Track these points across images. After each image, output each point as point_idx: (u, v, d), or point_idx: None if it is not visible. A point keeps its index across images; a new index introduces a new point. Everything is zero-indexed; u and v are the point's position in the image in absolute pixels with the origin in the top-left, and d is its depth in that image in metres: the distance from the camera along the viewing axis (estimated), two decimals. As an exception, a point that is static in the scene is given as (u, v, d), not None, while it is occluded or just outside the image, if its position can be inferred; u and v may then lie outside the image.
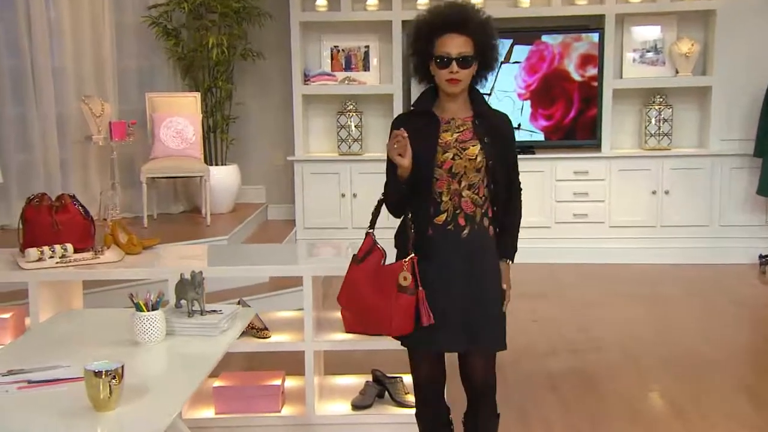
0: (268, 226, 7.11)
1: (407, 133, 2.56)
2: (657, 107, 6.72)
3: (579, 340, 4.89)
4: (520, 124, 6.69)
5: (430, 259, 2.62)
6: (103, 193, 6.15)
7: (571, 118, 6.77)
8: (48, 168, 6.01)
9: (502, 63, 6.20)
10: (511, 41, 6.65)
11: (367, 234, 2.71)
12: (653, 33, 6.79)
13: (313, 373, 3.46)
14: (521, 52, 6.70)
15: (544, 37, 6.71)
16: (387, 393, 3.61)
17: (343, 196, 6.85)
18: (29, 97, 5.92)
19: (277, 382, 3.57)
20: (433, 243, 2.63)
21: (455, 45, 2.57)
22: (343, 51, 7.04)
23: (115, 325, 2.66)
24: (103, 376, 1.94)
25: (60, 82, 6.12)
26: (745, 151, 6.53)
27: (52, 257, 3.36)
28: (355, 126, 6.90)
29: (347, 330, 3.50)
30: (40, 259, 3.33)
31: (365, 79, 6.98)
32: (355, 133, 6.90)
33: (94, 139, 6.07)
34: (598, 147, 6.76)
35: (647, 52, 6.81)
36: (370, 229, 2.71)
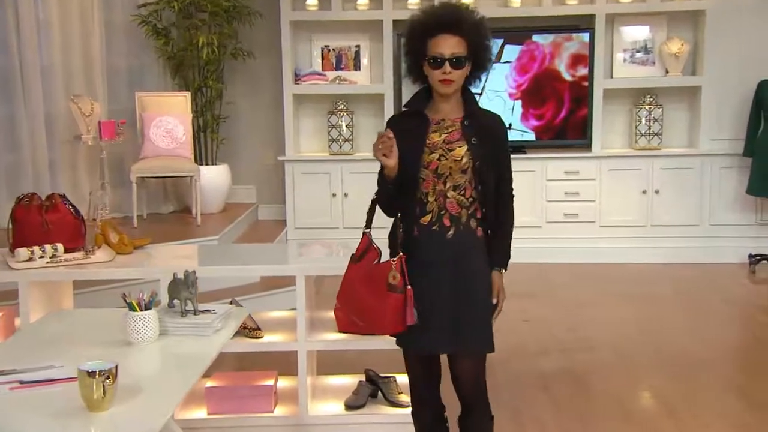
0: (258, 226, 7.09)
1: (397, 134, 2.58)
2: (647, 107, 6.74)
3: (570, 339, 4.89)
4: (511, 124, 6.69)
5: (416, 259, 2.63)
6: (93, 193, 6.11)
7: (561, 117, 6.78)
8: (36, 168, 5.96)
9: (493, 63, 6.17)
10: (502, 41, 6.65)
11: (364, 233, 2.71)
12: (643, 33, 6.81)
13: (306, 373, 3.44)
14: (512, 51, 6.71)
15: (535, 37, 6.72)
16: (380, 393, 3.60)
17: (334, 195, 6.83)
18: (17, 96, 5.87)
19: (270, 382, 3.55)
20: (419, 243, 2.64)
21: (448, 45, 2.57)
22: (333, 50, 7.02)
23: (106, 325, 2.64)
24: (96, 376, 1.92)
25: (49, 80, 6.08)
26: (734, 150, 6.56)
27: (42, 257, 3.33)
28: (346, 126, 6.88)
29: (340, 330, 3.49)
30: (30, 259, 3.30)
31: (356, 79, 6.97)
32: (346, 132, 6.89)
33: (83, 139, 6.03)
34: (588, 147, 6.77)
35: (637, 52, 6.83)
36: (367, 229, 2.71)
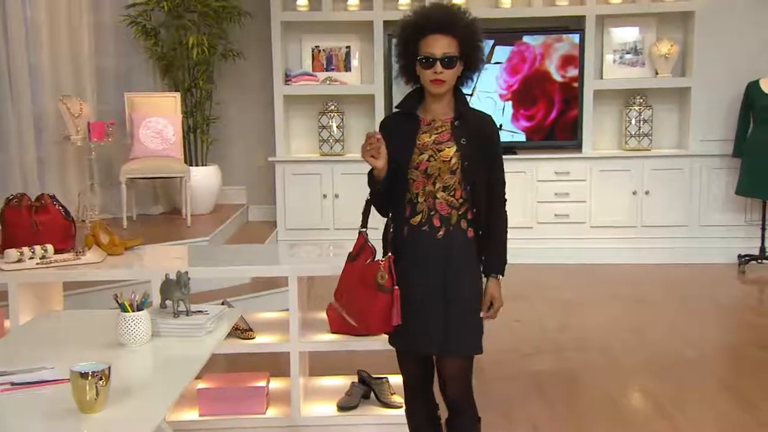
0: (248, 227, 7.06)
1: (388, 134, 2.60)
2: (637, 108, 6.76)
3: (562, 340, 4.89)
4: (501, 125, 6.70)
5: (407, 259, 2.63)
6: (82, 194, 6.08)
7: (552, 118, 6.79)
8: (24, 168, 5.92)
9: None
10: (493, 42, 6.66)
11: (360, 233, 2.72)
12: (633, 34, 6.83)
13: (298, 374, 3.42)
14: (502, 52, 6.71)
15: (526, 38, 6.73)
16: (373, 394, 3.59)
17: (324, 196, 6.81)
18: (5, 96, 5.83)
19: (262, 383, 3.53)
20: (409, 243, 2.65)
21: (439, 45, 2.57)
22: (324, 51, 7.01)
23: (98, 326, 2.62)
24: (89, 378, 1.90)
25: (37, 81, 6.04)
26: (724, 151, 6.59)
27: (32, 258, 3.30)
28: (336, 126, 6.87)
29: (333, 330, 3.53)
30: (20, 260, 3.27)
31: (346, 80, 6.96)
32: (336, 133, 6.88)
33: (72, 140, 6.01)
34: (579, 148, 6.78)
35: (627, 53, 6.85)
36: (363, 228, 2.73)
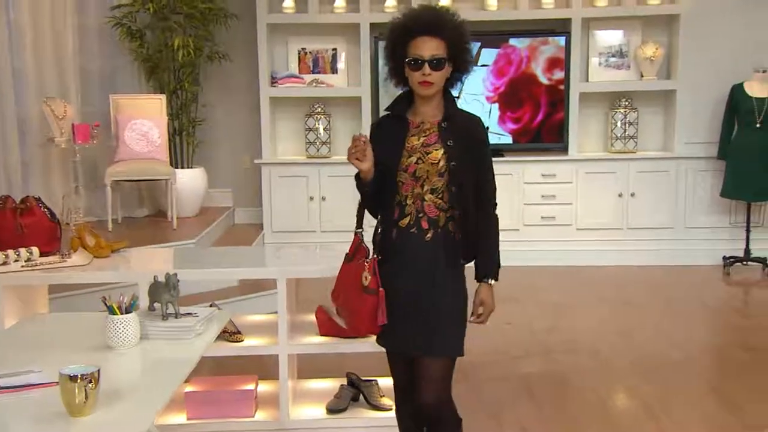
0: (235, 230, 7.03)
1: (378, 137, 2.63)
2: (623, 110, 6.79)
3: (550, 342, 4.90)
4: (488, 127, 6.70)
5: (396, 260, 2.64)
6: (66, 196, 6.03)
7: (538, 121, 6.80)
8: (8, 171, 5.86)
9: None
10: (479, 44, 6.66)
11: (355, 233, 2.74)
12: (618, 37, 6.86)
13: (287, 376, 3.40)
14: (489, 55, 6.72)
15: (512, 41, 6.75)
16: (362, 396, 3.57)
17: (311, 199, 6.79)
18: (-12, 97, 5.78)
19: (251, 386, 3.51)
20: (397, 245, 2.65)
21: (428, 48, 2.57)
22: (310, 53, 6.99)
23: (85, 329, 2.59)
24: (78, 381, 1.87)
25: (20, 83, 5.99)
26: (709, 154, 6.62)
27: (17, 261, 3.26)
28: (323, 129, 6.85)
29: (322, 333, 3.52)
30: (5, 263, 3.24)
31: (333, 82, 6.94)
32: (323, 135, 6.86)
33: (56, 142, 5.95)
34: (565, 150, 6.80)
35: (612, 56, 6.87)
36: (358, 229, 2.74)
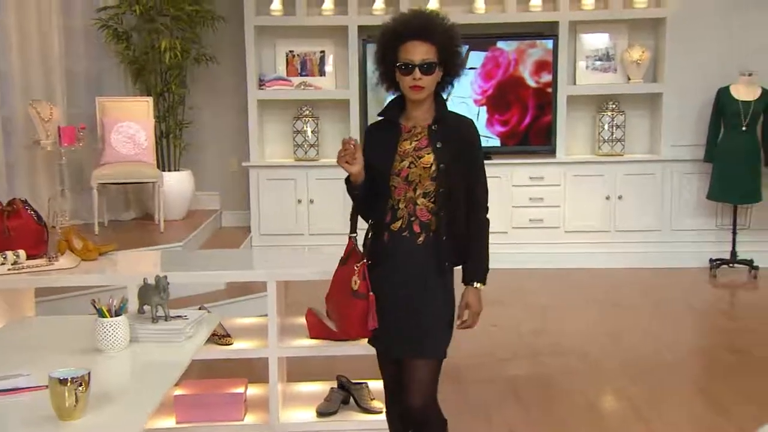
0: (222, 233, 7.00)
1: (371, 142, 2.66)
2: (610, 113, 6.82)
3: (538, 344, 4.90)
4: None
5: (387, 264, 2.64)
6: (52, 199, 5.98)
7: (526, 124, 6.82)
8: (-7, 173, 5.82)
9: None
10: (467, 47, 6.67)
11: (349, 238, 2.73)
12: (605, 40, 6.89)
13: (277, 380, 3.39)
14: (477, 58, 6.74)
15: (500, 44, 6.76)
16: (352, 399, 3.56)
17: (299, 202, 6.78)
18: (-27, 100, 5.73)
19: (240, 389, 3.49)
20: (389, 249, 2.65)
21: (418, 52, 2.58)
22: (298, 56, 6.98)
23: (73, 332, 2.57)
24: (68, 384, 1.85)
25: (6, 85, 5.93)
26: (695, 156, 6.66)
27: (3, 264, 3.22)
28: (311, 131, 6.84)
29: (312, 335, 3.50)
30: (-8, 266, 3.20)
31: (321, 84, 6.93)
32: (311, 138, 6.84)
33: (42, 144, 5.91)
34: (552, 153, 6.82)
35: (599, 59, 6.90)
36: (352, 234, 2.74)
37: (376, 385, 3.49)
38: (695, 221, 6.78)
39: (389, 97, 2.79)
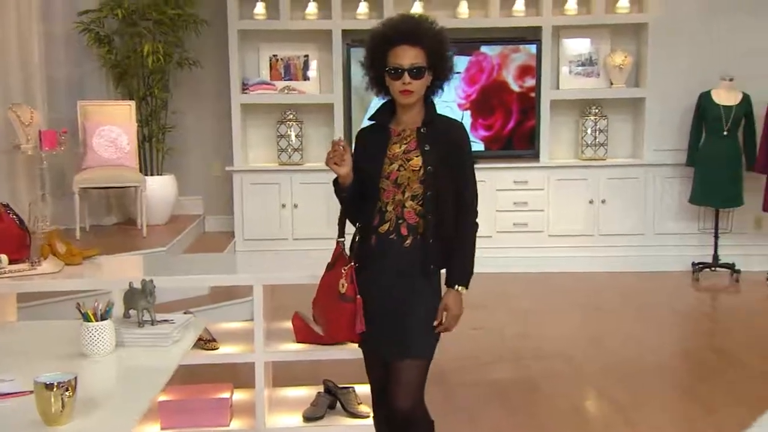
0: (205, 237, 6.96)
1: (362, 146, 2.68)
2: (593, 118, 6.85)
3: (522, 348, 4.91)
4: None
5: (375, 267, 2.64)
6: (33, 204, 5.91)
7: (510, 128, 6.84)
8: (-27, 178, 5.75)
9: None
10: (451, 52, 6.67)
11: (337, 242, 2.73)
12: (588, 45, 6.92)
13: (263, 384, 3.36)
14: (461, 62, 6.74)
15: (483, 48, 6.78)
16: (339, 404, 3.54)
17: (283, 206, 6.75)
18: (-48, 103, 5.66)
19: (226, 395, 3.46)
20: (377, 252, 2.65)
21: (407, 56, 2.58)
22: (281, 60, 6.96)
23: (58, 337, 2.54)
24: (54, 389, 1.82)
25: (-15, 88, 5.88)
26: (677, 161, 6.70)
27: (-15, 269, 3.19)
28: (295, 136, 6.82)
29: (298, 340, 3.48)
30: (-27, 271, 3.16)
31: (305, 89, 6.91)
32: (295, 142, 6.82)
33: (22, 149, 5.84)
34: (536, 157, 6.84)
35: (582, 64, 6.94)
36: (340, 238, 2.73)
37: (363, 389, 3.48)
38: (678, 225, 6.82)
39: (374, 101, 2.80)
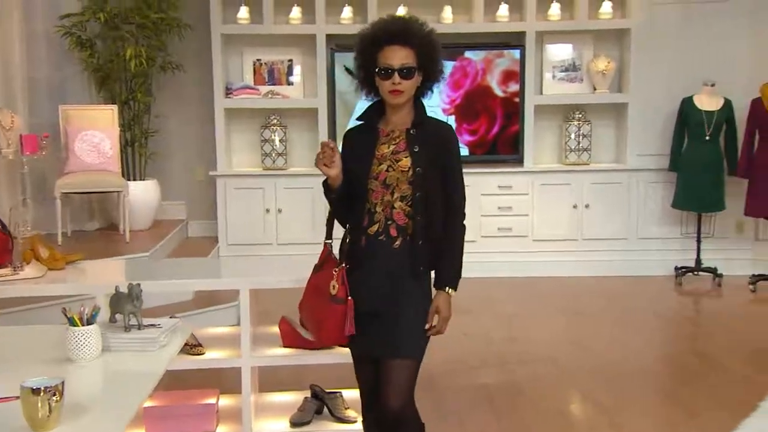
0: (189, 243, 6.91)
1: (350, 146, 2.67)
2: (576, 123, 6.88)
3: (508, 352, 4.91)
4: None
5: (364, 268, 2.63)
6: (13, 209, 5.81)
7: (494, 133, 6.85)
8: (-48, 182, 5.68)
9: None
10: (436, 56, 6.68)
11: (324, 244, 2.72)
12: (571, 51, 6.96)
13: (249, 390, 3.33)
14: (445, 67, 6.73)
15: (468, 53, 6.79)
16: (326, 409, 3.52)
17: (267, 211, 6.72)
18: (-68, 108, 5.59)
19: (212, 400, 3.43)
20: (366, 253, 2.64)
21: (397, 57, 2.58)
22: (265, 64, 6.94)
23: (42, 342, 2.49)
24: (41, 393, 1.79)
25: (-35, 92, 5.81)
26: (660, 165, 6.74)
27: (-34, 274, 3.14)
28: (279, 140, 6.79)
29: (285, 344, 3.46)
30: (-46, 276, 3.11)
31: (289, 93, 6.89)
32: (279, 147, 6.80)
33: (3, 153, 5.77)
34: (520, 162, 6.86)
35: (565, 69, 6.97)
36: (328, 240, 2.72)
37: (351, 394, 3.47)
38: (660, 230, 6.86)
39: (359, 104, 2.79)
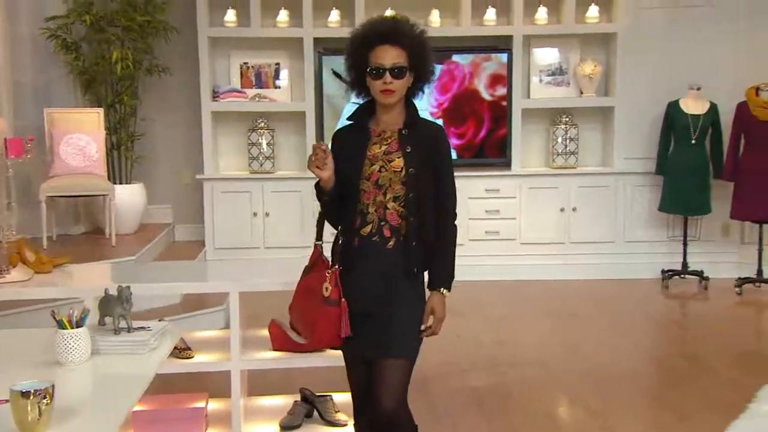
0: (175, 246, 6.87)
1: (340, 147, 2.65)
2: (563, 127, 6.90)
3: (498, 355, 4.91)
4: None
5: (357, 269, 2.62)
6: (-2, 213, 5.79)
7: (481, 136, 6.86)
8: (-64, 186, 5.61)
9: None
10: (423, 60, 6.68)
11: (315, 245, 2.71)
12: (558, 55, 6.98)
13: (239, 393, 3.31)
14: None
15: (455, 57, 6.80)
16: (316, 412, 3.50)
17: (255, 215, 6.69)
18: None
19: (201, 404, 3.40)
20: (359, 254, 2.63)
21: (389, 56, 2.58)
22: (252, 68, 6.91)
23: (30, 345, 2.47)
24: (31, 397, 1.76)
25: (-52, 95, 5.75)
26: (647, 169, 6.77)
27: (-48, 277, 3.11)
28: (266, 144, 6.77)
29: (275, 347, 3.44)
30: (-61, 280, 3.07)
31: (276, 96, 6.87)
32: (266, 150, 6.77)
33: (-13, 156, 5.73)
34: (508, 165, 6.87)
35: (552, 73, 6.99)
36: (318, 241, 2.72)
37: (341, 397, 3.45)
38: (647, 233, 6.89)
39: (346, 108, 2.79)
